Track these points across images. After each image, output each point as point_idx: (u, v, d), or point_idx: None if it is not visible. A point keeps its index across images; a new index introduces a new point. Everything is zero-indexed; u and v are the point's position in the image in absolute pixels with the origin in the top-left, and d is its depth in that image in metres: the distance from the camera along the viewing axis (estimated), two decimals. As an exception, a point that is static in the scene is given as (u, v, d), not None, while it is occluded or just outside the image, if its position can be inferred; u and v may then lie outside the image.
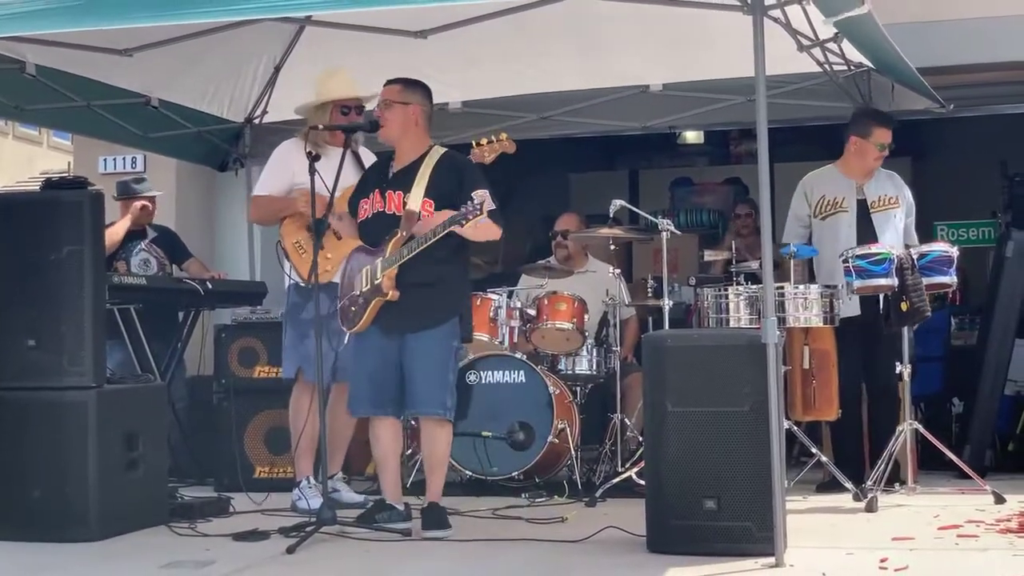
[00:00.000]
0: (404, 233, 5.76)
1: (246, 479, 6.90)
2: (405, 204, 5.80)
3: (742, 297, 6.58)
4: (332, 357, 6.03)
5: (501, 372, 7.29)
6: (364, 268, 5.85)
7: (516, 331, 7.54)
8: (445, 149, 6.01)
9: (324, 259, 6.14)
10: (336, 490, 6.53)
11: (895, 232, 7.05)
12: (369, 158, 6.52)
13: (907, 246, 6.89)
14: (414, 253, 5.70)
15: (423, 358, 5.76)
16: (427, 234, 5.69)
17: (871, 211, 7.08)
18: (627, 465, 6.92)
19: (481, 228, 5.74)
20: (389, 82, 6.00)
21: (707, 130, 11.06)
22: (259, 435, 7.43)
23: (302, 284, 6.38)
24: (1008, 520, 5.76)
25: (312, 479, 6.53)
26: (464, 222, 5.59)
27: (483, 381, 7.29)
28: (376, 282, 5.77)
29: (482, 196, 5.60)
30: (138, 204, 8.15)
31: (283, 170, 6.55)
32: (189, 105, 8.18)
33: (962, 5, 7.94)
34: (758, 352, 5.00)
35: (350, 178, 6.23)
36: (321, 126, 5.98)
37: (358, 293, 5.85)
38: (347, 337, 5.99)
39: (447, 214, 5.66)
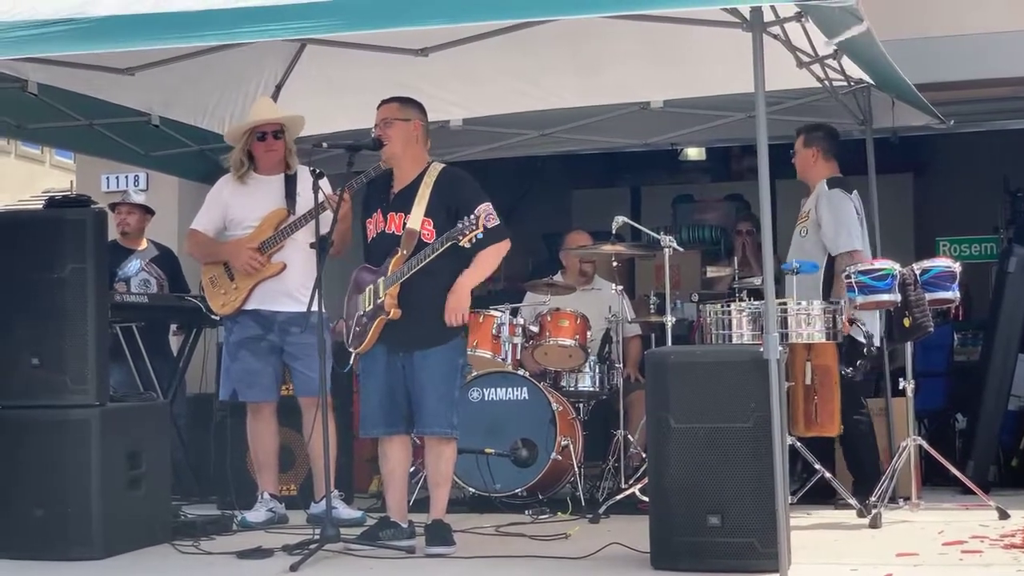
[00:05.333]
0: (405, 252, 5.79)
1: (248, 497, 6.88)
2: (405, 224, 5.83)
3: (745, 313, 6.57)
4: (268, 375, 6.64)
5: (504, 389, 7.29)
6: (367, 287, 5.88)
7: (519, 348, 7.54)
8: (444, 165, 6.03)
9: (231, 290, 6.66)
10: (333, 507, 6.52)
11: (798, 249, 7.07)
12: (305, 177, 6.49)
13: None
14: (414, 271, 5.74)
15: (430, 376, 5.77)
16: (426, 250, 5.72)
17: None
18: (630, 481, 6.91)
19: (486, 259, 5.83)
20: (385, 101, 6.01)
21: (708, 147, 11.06)
22: (261, 453, 7.41)
23: (214, 317, 6.90)
24: (1012, 536, 5.75)
25: (266, 494, 6.71)
26: (461, 237, 5.63)
27: (486, 398, 7.29)
28: (379, 301, 5.80)
29: (482, 210, 5.65)
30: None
31: (215, 205, 6.82)
32: (190, 123, 8.19)
33: (961, 21, 7.95)
34: (761, 368, 5.00)
35: (277, 201, 6.62)
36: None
37: (362, 312, 5.88)
38: (352, 358, 6.00)
39: None
